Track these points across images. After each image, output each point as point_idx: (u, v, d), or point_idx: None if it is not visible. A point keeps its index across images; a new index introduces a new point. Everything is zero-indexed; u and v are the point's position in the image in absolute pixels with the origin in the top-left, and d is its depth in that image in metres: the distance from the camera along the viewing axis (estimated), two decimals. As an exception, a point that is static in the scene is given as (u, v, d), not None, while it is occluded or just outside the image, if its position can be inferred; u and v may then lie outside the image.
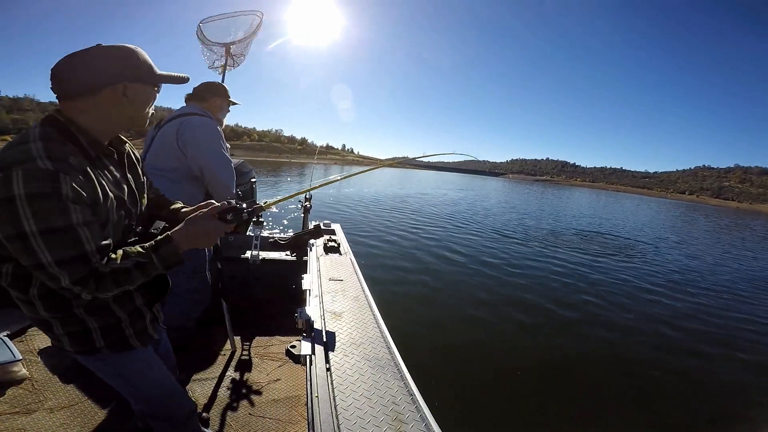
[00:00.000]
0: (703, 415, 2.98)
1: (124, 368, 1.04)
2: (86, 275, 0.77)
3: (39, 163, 0.72)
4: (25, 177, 0.71)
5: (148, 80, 0.88)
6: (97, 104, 0.83)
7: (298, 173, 30.18)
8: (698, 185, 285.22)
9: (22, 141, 0.77)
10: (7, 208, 0.71)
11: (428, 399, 1.12)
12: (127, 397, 1.14)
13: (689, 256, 10.27)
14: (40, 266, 0.74)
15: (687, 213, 39.72)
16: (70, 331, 0.91)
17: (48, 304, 0.87)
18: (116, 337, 0.96)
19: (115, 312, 0.94)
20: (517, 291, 5.35)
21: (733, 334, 4.66)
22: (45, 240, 0.73)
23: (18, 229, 0.71)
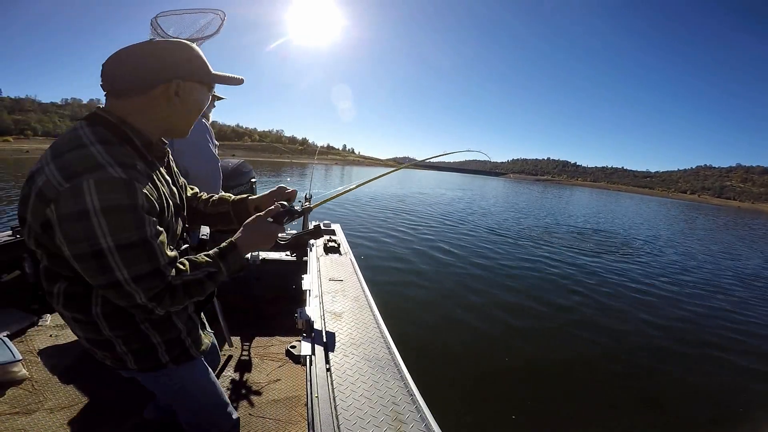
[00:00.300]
0: (703, 415, 2.98)
1: (187, 380, 0.99)
2: (162, 290, 0.72)
3: (110, 171, 0.66)
4: (99, 188, 0.63)
5: (203, 79, 0.81)
6: (147, 104, 0.76)
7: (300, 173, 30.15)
8: (700, 185, 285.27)
9: (78, 144, 0.69)
10: (81, 224, 0.63)
11: (428, 399, 1.12)
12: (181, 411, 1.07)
13: (685, 255, 10.27)
14: (114, 284, 0.68)
15: (686, 213, 39.69)
16: (135, 349, 0.85)
17: (113, 322, 0.80)
18: (179, 350, 0.92)
19: (176, 324, 0.90)
20: (518, 291, 5.34)
21: (732, 334, 4.66)
22: (122, 256, 0.66)
23: (94, 246, 0.64)
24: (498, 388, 2.93)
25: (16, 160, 30.20)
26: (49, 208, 0.65)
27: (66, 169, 0.65)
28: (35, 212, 0.67)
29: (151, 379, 0.95)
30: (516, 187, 55.29)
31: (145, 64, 0.74)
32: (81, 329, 0.82)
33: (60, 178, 0.64)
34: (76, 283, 0.75)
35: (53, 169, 0.66)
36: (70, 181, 0.64)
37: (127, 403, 1.63)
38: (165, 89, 0.76)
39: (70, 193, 0.63)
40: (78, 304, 0.78)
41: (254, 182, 3.13)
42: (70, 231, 0.64)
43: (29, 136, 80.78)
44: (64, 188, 0.63)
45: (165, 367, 0.90)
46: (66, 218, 0.64)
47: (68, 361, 1.86)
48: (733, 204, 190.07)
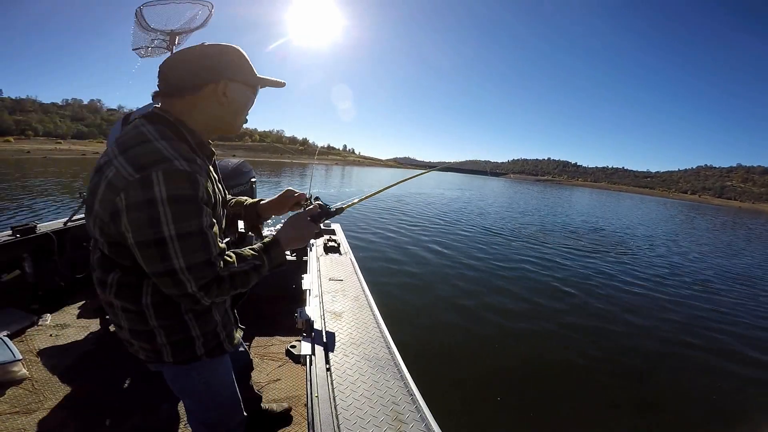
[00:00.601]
0: (702, 415, 2.98)
1: (213, 375, 1.00)
2: (211, 280, 0.75)
3: (177, 163, 0.70)
4: (167, 177, 0.68)
5: (248, 81, 0.85)
6: (198, 103, 0.81)
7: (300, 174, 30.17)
8: (700, 185, 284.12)
9: (143, 139, 0.73)
10: (147, 212, 0.67)
11: (428, 399, 1.12)
12: (196, 408, 1.06)
13: (681, 256, 10.28)
14: (170, 272, 0.71)
15: (685, 212, 39.69)
16: (175, 341, 0.86)
17: (161, 312, 0.82)
18: (214, 342, 0.93)
19: (214, 316, 0.92)
20: (518, 292, 5.34)
21: (731, 335, 4.66)
22: (182, 245, 0.70)
23: (158, 234, 0.68)
24: (498, 388, 2.93)
25: (17, 160, 30.10)
26: (119, 197, 0.68)
27: (135, 162, 0.69)
28: (104, 201, 0.71)
29: (181, 374, 0.96)
30: (515, 188, 55.28)
31: (196, 64, 0.79)
32: (127, 319, 0.83)
33: (130, 170, 0.69)
34: (130, 273, 0.79)
35: (122, 161, 0.70)
36: (140, 172, 0.68)
37: (127, 403, 1.63)
38: (214, 88, 0.80)
39: (140, 183, 0.67)
40: (130, 293, 0.80)
41: (254, 182, 3.13)
42: (136, 218, 0.68)
43: (30, 136, 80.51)
44: (134, 178, 0.68)
45: (199, 360, 0.91)
46: (134, 206, 0.68)
47: (68, 361, 1.86)
48: (734, 204, 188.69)
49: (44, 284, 2.34)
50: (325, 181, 28.45)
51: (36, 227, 2.37)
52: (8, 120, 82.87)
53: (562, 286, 5.82)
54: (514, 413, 2.67)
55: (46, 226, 2.47)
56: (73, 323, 2.19)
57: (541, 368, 3.32)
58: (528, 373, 3.22)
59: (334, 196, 15.55)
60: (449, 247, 7.76)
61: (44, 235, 2.36)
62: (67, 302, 2.39)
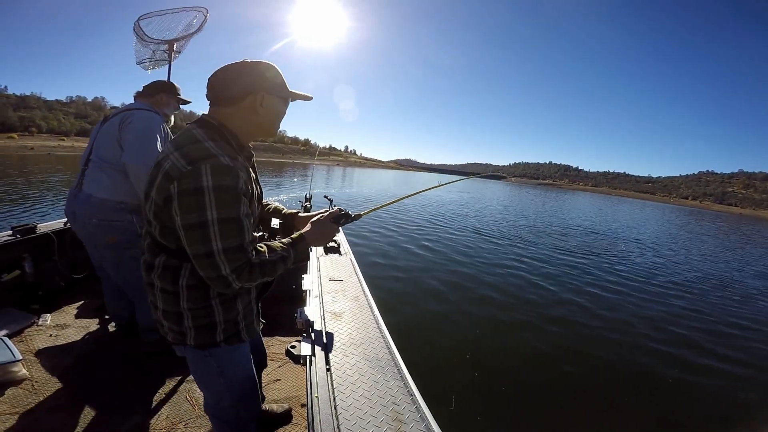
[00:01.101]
0: (703, 415, 2.98)
1: (229, 362, 1.07)
2: (243, 264, 0.85)
3: (222, 159, 0.83)
4: (213, 170, 0.80)
5: (281, 94, 0.99)
6: (239, 111, 0.94)
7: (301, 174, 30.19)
8: (701, 190, 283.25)
9: (194, 140, 0.87)
10: (195, 198, 0.80)
11: (428, 399, 1.12)
12: (211, 395, 1.14)
13: (677, 256, 10.28)
14: (209, 254, 0.82)
15: (682, 218, 39.69)
16: (199, 325, 0.96)
17: (193, 294, 0.93)
18: (233, 330, 1.02)
19: (237, 305, 1.01)
20: (518, 292, 5.34)
21: (732, 335, 4.66)
22: (221, 228, 0.81)
23: (202, 217, 0.80)
24: (498, 388, 2.93)
25: (21, 156, 30.35)
26: (173, 185, 0.82)
27: (188, 156, 0.83)
28: (160, 189, 0.85)
29: (199, 359, 1.04)
30: (516, 191, 55.21)
31: (239, 78, 0.93)
32: (163, 300, 0.95)
33: (184, 163, 0.82)
34: (173, 256, 0.91)
35: (177, 156, 0.84)
36: (192, 164, 0.81)
37: (127, 403, 1.63)
38: (253, 100, 0.94)
39: (192, 173, 0.80)
40: (170, 274, 0.93)
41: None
42: (185, 203, 0.81)
43: (34, 133, 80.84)
44: (187, 169, 0.81)
45: (217, 346, 1.00)
46: (184, 193, 0.81)
47: (68, 361, 1.86)
48: (735, 210, 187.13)
49: (44, 284, 2.34)
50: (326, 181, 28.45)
51: (36, 227, 2.37)
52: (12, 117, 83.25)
53: (564, 289, 5.83)
54: (514, 413, 2.67)
55: (46, 226, 2.47)
56: (73, 323, 2.19)
57: (541, 368, 3.32)
58: (528, 373, 3.22)
59: (333, 195, 15.55)
60: (450, 247, 7.76)
61: (44, 235, 2.36)
62: (67, 302, 2.39)
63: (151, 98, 1.96)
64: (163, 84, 2.03)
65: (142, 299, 1.93)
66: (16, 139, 65.33)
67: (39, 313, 2.21)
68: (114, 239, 1.81)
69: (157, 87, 2.00)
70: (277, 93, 0.98)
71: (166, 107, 2.00)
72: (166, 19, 2.57)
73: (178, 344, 1.01)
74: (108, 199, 1.76)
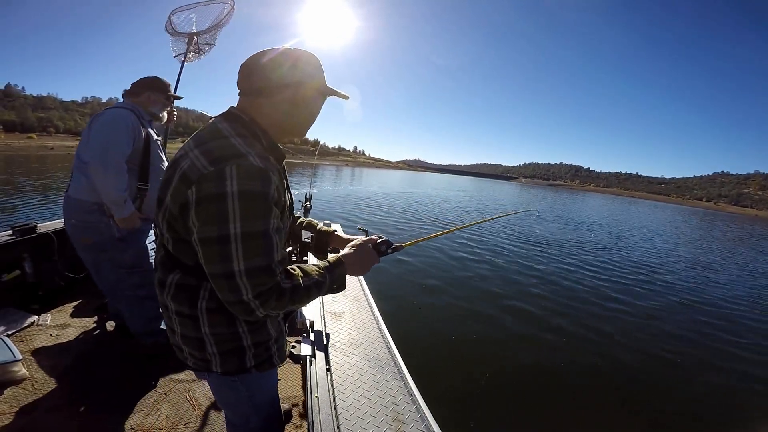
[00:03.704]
0: (704, 416, 2.99)
1: (259, 388, 0.97)
2: (269, 288, 0.70)
3: (252, 159, 0.69)
4: (240, 173, 0.66)
5: (321, 89, 0.86)
6: (274, 104, 0.81)
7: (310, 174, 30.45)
8: (716, 192, 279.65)
9: (219, 135, 0.74)
10: (217, 206, 0.66)
11: (428, 399, 1.12)
12: (237, 416, 1.03)
13: (683, 258, 10.28)
14: (228, 275, 0.68)
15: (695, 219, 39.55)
16: (225, 350, 0.83)
17: (215, 319, 0.80)
18: (265, 355, 0.90)
19: (269, 329, 0.89)
20: (518, 293, 5.34)
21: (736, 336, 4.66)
22: (245, 245, 0.66)
23: (223, 230, 0.66)
24: (498, 388, 2.93)
25: (41, 156, 31.42)
26: (191, 190, 0.68)
27: (211, 155, 0.69)
28: (175, 194, 0.71)
29: (226, 384, 0.92)
30: (529, 192, 55.01)
31: (278, 67, 0.79)
32: (180, 324, 0.82)
33: (205, 162, 0.68)
34: (190, 274, 0.78)
35: (198, 154, 0.70)
36: (215, 165, 0.67)
37: (127, 403, 1.63)
38: (294, 92, 0.81)
39: (214, 176, 0.66)
40: (187, 296, 0.79)
41: None
42: (204, 212, 0.67)
43: (52, 133, 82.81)
44: (208, 171, 0.67)
45: (248, 372, 0.88)
46: (205, 199, 0.67)
47: (68, 361, 1.86)
48: (750, 212, 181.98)
49: (44, 284, 2.34)
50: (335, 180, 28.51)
51: (36, 227, 2.37)
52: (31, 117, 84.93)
53: (564, 288, 5.83)
54: (514, 413, 2.67)
55: (46, 226, 2.46)
56: (73, 323, 2.19)
57: (541, 368, 3.32)
58: (528, 373, 3.21)
59: (334, 195, 15.53)
60: (450, 247, 7.75)
61: (44, 235, 2.36)
62: (66, 302, 2.39)
63: (136, 97, 1.87)
64: (150, 81, 1.91)
65: (127, 304, 1.93)
66: (35, 139, 66.67)
67: (39, 313, 2.21)
68: (89, 240, 1.77)
69: (143, 85, 1.88)
70: (318, 86, 0.85)
71: (153, 106, 1.90)
72: (196, 12, 2.63)
73: (200, 370, 0.88)
74: (84, 200, 1.72)
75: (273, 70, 0.79)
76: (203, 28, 2.62)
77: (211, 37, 2.65)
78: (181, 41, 2.62)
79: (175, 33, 2.60)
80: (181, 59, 2.60)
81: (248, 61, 0.81)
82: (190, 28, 2.61)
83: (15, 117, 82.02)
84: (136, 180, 1.80)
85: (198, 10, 2.62)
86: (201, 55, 2.67)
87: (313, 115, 0.88)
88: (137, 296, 1.90)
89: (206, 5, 2.62)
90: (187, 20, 2.62)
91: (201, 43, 2.63)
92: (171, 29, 2.62)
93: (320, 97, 0.88)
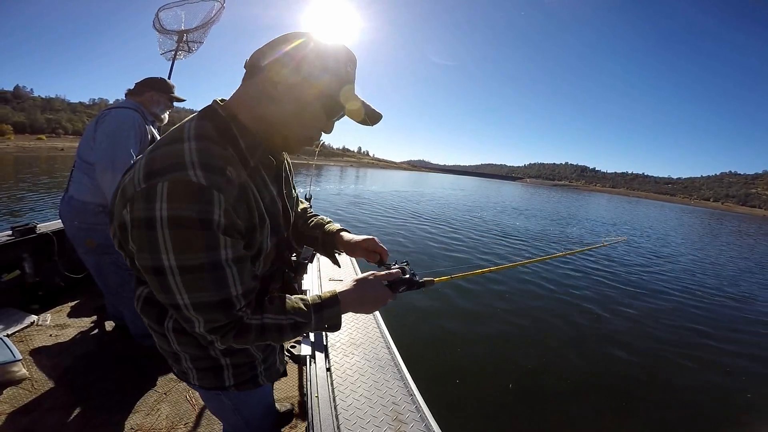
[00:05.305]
0: (704, 417, 2.98)
1: (245, 405, 0.92)
2: (225, 324, 0.63)
3: (191, 173, 0.55)
4: (171, 193, 0.54)
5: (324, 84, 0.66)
6: (254, 86, 0.66)
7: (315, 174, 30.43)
8: (724, 192, 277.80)
9: (174, 138, 0.61)
10: (146, 233, 0.55)
11: (428, 399, 1.12)
12: (230, 426, 1.02)
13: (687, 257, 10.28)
14: (175, 306, 0.61)
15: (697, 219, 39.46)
16: (200, 367, 0.79)
17: (183, 339, 0.75)
18: (248, 375, 0.84)
19: (251, 352, 0.83)
20: (518, 293, 5.34)
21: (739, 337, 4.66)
22: (184, 279, 0.57)
23: (155, 262, 0.56)
24: (498, 388, 2.93)
25: (51, 157, 32.10)
26: (126, 209, 0.58)
27: (149, 167, 0.58)
28: (116, 210, 0.61)
29: (211, 396, 0.89)
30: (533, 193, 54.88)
31: (275, 44, 0.65)
32: (155, 336, 0.79)
33: (140, 177, 0.57)
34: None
35: (141, 164, 0.60)
36: (148, 181, 0.56)
37: (127, 403, 1.63)
38: (269, 73, 0.65)
39: (144, 196, 0.55)
40: (154, 311, 0.74)
41: None
42: (136, 237, 0.57)
43: (61, 134, 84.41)
44: (140, 189, 0.56)
45: (227, 390, 0.83)
46: (136, 223, 0.57)
47: (68, 361, 1.86)
48: (758, 213, 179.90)
49: (44, 284, 2.34)
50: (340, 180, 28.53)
51: (36, 227, 2.37)
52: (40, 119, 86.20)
53: (567, 288, 5.82)
54: (514, 413, 2.67)
55: (46, 226, 2.47)
56: (73, 323, 2.19)
57: (541, 369, 3.31)
58: (528, 373, 3.21)
59: (334, 194, 15.52)
60: (451, 247, 7.75)
61: (44, 235, 2.36)
62: (66, 302, 2.39)
63: (139, 97, 1.85)
64: (153, 81, 1.89)
65: (127, 306, 1.93)
66: (45, 140, 67.87)
67: (39, 313, 2.21)
68: (93, 243, 1.75)
69: (146, 84, 1.86)
70: (317, 78, 0.64)
71: (155, 106, 1.88)
72: (184, 9, 2.61)
73: (184, 381, 0.85)
74: (89, 201, 1.71)
75: (267, 48, 0.65)
76: (192, 25, 2.58)
77: (201, 35, 2.63)
78: (170, 39, 2.59)
79: (163, 30, 2.58)
80: (169, 56, 2.57)
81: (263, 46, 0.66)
82: (178, 26, 2.58)
83: (25, 118, 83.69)
84: None
85: (186, 8, 2.58)
86: (190, 52, 2.65)
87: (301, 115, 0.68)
88: (126, 296, 1.90)
89: (195, 3, 2.59)
90: (175, 17, 2.59)
91: (190, 40, 2.61)
92: (159, 26, 2.59)
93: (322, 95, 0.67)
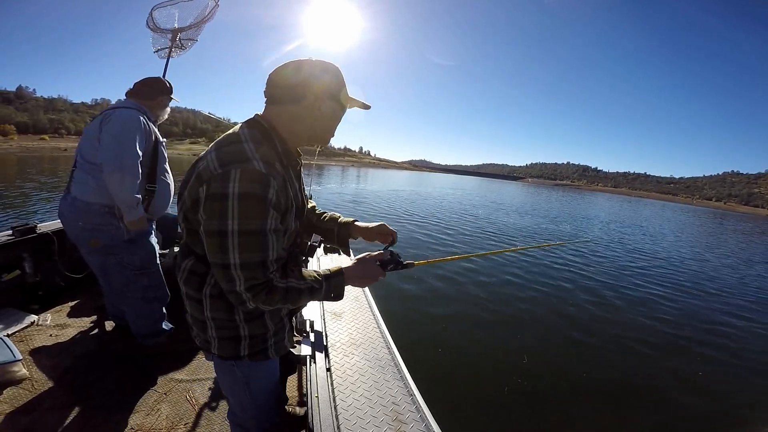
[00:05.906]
0: (705, 417, 2.99)
1: (254, 377, 1.03)
2: (260, 283, 0.79)
3: (255, 164, 0.77)
4: (242, 176, 0.74)
5: (341, 100, 0.92)
6: (295, 113, 0.88)
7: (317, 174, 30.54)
8: (726, 191, 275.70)
9: (236, 140, 0.82)
10: (219, 203, 0.75)
11: (428, 399, 1.12)
12: (237, 403, 1.10)
13: (689, 257, 10.28)
14: (225, 266, 0.77)
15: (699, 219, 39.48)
16: (223, 336, 0.93)
17: (216, 304, 0.89)
18: (260, 347, 0.97)
19: (267, 323, 0.96)
20: (518, 293, 5.34)
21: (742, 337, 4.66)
22: (240, 240, 0.75)
23: (223, 225, 0.75)
24: (498, 388, 2.93)
25: (54, 157, 32.73)
26: (202, 188, 0.78)
27: (222, 158, 0.78)
28: (191, 190, 0.81)
29: (225, 367, 1.01)
30: (535, 192, 54.91)
31: (297, 76, 0.86)
32: (190, 306, 0.93)
33: (216, 165, 0.78)
34: (200, 261, 0.88)
35: (213, 157, 0.80)
36: (223, 167, 0.76)
37: (127, 403, 1.63)
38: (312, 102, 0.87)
39: (221, 177, 0.75)
40: (195, 280, 0.89)
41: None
42: (209, 208, 0.76)
43: (63, 135, 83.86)
44: (217, 172, 0.76)
45: (241, 360, 0.96)
46: (210, 197, 0.76)
47: (68, 361, 1.86)
48: (761, 212, 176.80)
49: (44, 284, 2.34)
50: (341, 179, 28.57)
51: (36, 227, 2.37)
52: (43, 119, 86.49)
53: (565, 287, 5.83)
54: (514, 413, 2.67)
55: (46, 226, 2.47)
56: (73, 323, 2.19)
57: (542, 369, 3.32)
58: (528, 373, 3.21)
59: (334, 194, 15.52)
60: (451, 247, 7.76)
61: (44, 235, 2.36)
62: (67, 302, 2.39)
63: (151, 100, 1.87)
64: (161, 85, 1.94)
65: (134, 306, 1.93)
66: (48, 140, 68.06)
67: (39, 313, 2.21)
68: (98, 243, 1.75)
69: (156, 89, 1.91)
70: (338, 98, 0.91)
71: (161, 108, 1.93)
72: (178, 8, 2.62)
73: (205, 350, 0.99)
74: (93, 202, 1.70)
75: (292, 80, 0.86)
76: (186, 24, 2.60)
77: (194, 33, 2.65)
78: (163, 37, 2.61)
79: (156, 29, 2.60)
80: (162, 55, 2.59)
81: (273, 72, 0.87)
82: (172, 24, 2.60)
83: (28, 119, 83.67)
84: (146, 181, 1.79)
85: (180, 6, 2.60)
86: (183, 50, 2.66)
87: (332, 125, 0.94)
88: (146, 298, 1.92)
89: (189, 1, 2.60)
90: (168, 16, 2.61)
91: (184, 38, 2.63)
92: (152, 25, 2.62)
93: (340, 108, 0.93)
